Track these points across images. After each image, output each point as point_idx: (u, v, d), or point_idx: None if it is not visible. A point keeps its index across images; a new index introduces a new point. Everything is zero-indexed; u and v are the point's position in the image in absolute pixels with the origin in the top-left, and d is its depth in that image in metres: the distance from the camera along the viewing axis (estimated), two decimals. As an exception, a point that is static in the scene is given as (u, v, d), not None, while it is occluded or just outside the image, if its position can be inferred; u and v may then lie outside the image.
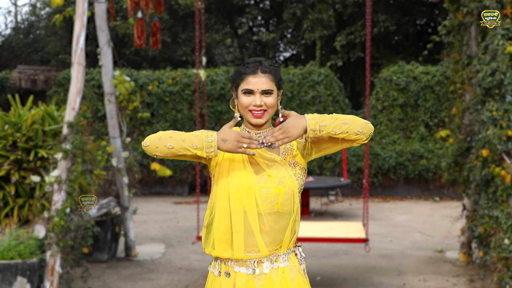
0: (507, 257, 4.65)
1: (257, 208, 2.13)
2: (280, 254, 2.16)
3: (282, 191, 2.13)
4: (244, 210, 2.13)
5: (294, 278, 2.16)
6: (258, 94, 2.17)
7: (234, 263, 2.17)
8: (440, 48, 14.34)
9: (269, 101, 2.17)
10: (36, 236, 5.01)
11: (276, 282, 2.13)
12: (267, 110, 2.18)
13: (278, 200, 2.13)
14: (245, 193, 2.13)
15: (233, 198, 2.14)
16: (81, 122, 5.25)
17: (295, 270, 2.17)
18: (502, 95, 5.01)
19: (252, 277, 2.15)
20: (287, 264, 2.16)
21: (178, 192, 13.11)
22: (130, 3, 6.26)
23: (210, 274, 2.27)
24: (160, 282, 5.74)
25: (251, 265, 2.15)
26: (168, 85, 12.93)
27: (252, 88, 2.17)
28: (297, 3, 15.96)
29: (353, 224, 6.47)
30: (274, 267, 2.15)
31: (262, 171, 2.17)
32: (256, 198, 2.13)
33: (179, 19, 16.57)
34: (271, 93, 2.18)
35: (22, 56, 17.20)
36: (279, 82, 2.22)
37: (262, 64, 2.19)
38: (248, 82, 2.18)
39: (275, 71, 2.20)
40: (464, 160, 5.99)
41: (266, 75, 2.18)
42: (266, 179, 2.15)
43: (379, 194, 12.56)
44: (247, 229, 2.14)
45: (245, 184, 2.14)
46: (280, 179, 2.14)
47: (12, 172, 5.78)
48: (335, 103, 12.98)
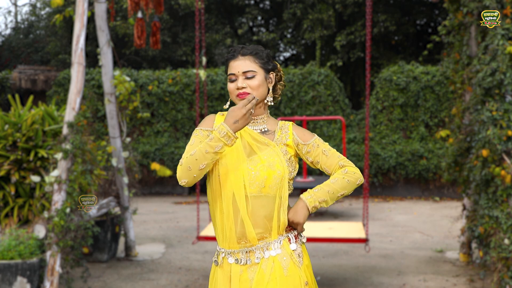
0: (507, 257, 4.65)
1: (244, 190, 2.13)
2: (270, 241, 2.16)
3: (271, 175, 2.14)
4: (233, 192, 2.14)
5: (286, 267, 2.14)
6: (240, 77, 2.19)
7: (228, 255, 2.18)
8: (440, 48, 14.35)
9: (252, 83, 2.18)
10: (36, 236, 5.01)
11: (266, 274, 2.12)
12: (252, 93, 2.18)
13: (266, 184, 2.13)
14: (234, 174, 2.14)
15: (223, 179, 2.15)
16: (81, 122, 5.25)
17: (288, 258, 2.15)
18: (502, 95, 5.01)
19: (246, 268, 2.15)
20: (279, 252, 2.15)
21: (178, 192, 13.12)
22: (130, 3, 6.27)
23: (212, 265, 2.28)
24: (160, 282, 5.74)
25: (243, 255, 2.15)
26: (168, 85, 12.93)
27: (233, 71, 2.19)
28: (297, 3, 15.96)
29: (353, 224, 6.46)
30: (266, 257, 2.14)
31: (254, 154, 2.17)
32: (244, 180, 2.13)
33: (179, 19, 16.57)
34: (253, 75, 2.18)
35: (22, 56, 17.20)
36: (265, 64, 2.21)
37: (243, 48, 2.21)
38: (230, 67, 2.21)
39: (256, 52, 2.20)
40: (464, 160, 5.99)
41: (247, 57, 2.19)
42: (256, 162, 2.15)
43: (379, 194, 12.56)
44: (236, 214, 2.14)
45: (234, 166, 2.14)
46: (270, 163, 2.15)
47: (12, 172, 5.79)
48: (335, 103, 12.98)
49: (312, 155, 2.25)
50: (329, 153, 2.25)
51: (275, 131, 2.26)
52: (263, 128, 2.26)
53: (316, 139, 2.27)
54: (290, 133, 2.26)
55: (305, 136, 2.27)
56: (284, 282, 2.12)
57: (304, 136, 2.27)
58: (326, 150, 2.26)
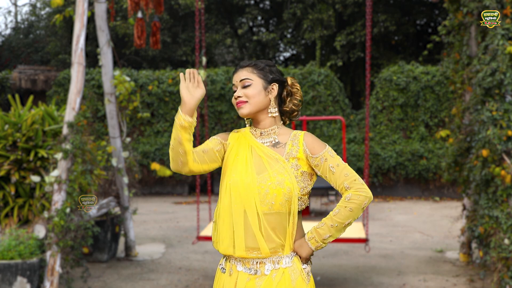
0: (507, 257, 4.65)
1: (256, 208, 2.13)
2: (282, 256, 2.16)
3: (280, 192, 2.12)
4: (244, 209, 2.14)
5: (295, 279, 2.15)
6: (239, 87, 2.24)
7: (237, 262, 2.18)
8: (440, 48, 14.35)
9: (248, 92, 2.22)
10: (36, 236, 5.01)
11: (275, 281, 2.13)
12: (248, 101, 2.22)
13: (276, 201, 2.13)
14: (245, 192, 2.14)
15: (234, 196, 2.15)
16: (81, 122, 5.25)
17: (297, 272, 2.16)
18: (502, 95, 5.01)
19: (254, 277, 2.15)
20: (289, 265, 2.16)
21: (178, 192, 13.11)
22: (130, 3, 6.27)
23: (217, 271, 2.28)
24: (160, 282, 5.73)
25: (253, 265, 2.15)
26: (168, 85, 12.93)
27: (234, 82, 2.27)
28: (297, 3, 15.96)
29: (353, 224, 6.45)
30: (276, 268, 2.15)
31: (264, 171, 2.16)
32: (255, 198, 2.13)
33: (179, 19, 16.57)
34: (249, 83, 2.22)
35: (22, 56, 17.21)
36: (263, 74, 2.24)
37: (246, 61, 2.29)
38: (232, 80, 2.29)
39: (255, 64, 2.26)
40: (464, 160, 5.98)
41: (245, 69, 2.25)
42: (266, 179, 2.14)
43: (379, 194, 12.56)
44: (248, 228, 2.14)
45: (245, 183, 2.14)
46: (280, 181, 2.13)
47: (12, 172, 5.79)
48: (335, 103, 12.98)
49: (320, 169, 2.19)
50: (336, 170, 2.17)
51: (286, 144, 2.23)
52: (273, 140, 2.24)
53: (325, 152, 2.19)
54: (300, 144, 2.21)
55: (314, 149, 2.19)
56: None
57: (313, 149, 2.19)
58: (334, 167, 2.17)
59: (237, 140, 2.27)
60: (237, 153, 2.21)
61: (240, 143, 2.25)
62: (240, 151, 2.21)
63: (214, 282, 2.28)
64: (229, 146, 2.26)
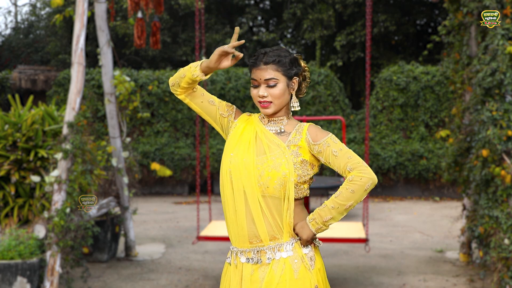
0: (507, 257, 4.65)
1: (254, 188, 2.14)
2: (282, 242, 2.16)
3: (275, 176, 2.13)
4: (244, 190, 2.15)
5: (297, 270, 2.14)
6: (262, 85, 2.20)
7: (240, 254, 2.19)
8: (440, 48, 14.35)
9: (274, 92, 2.20)
10: (36, 236, 5.01)
11: (277, 275, 2.12)
12: (273, 102, 2.21)
13: (270, 185, 2.13)
14: (245, 171, 2.16)
15: (234, 175, 2.17)
16: (81, 122, 5.25)
17: (299, 261, 2.15)
18: (502, 95, 5.01)
19: (257, 268, 2.15)
20: (290, 254, 2.15)
21: (178, 192, 13.11)
22: (130, 3, 6.27)
23: (225, 264, 2.30)
24: (160, 282, 5.74)
25: (254, 254, 2.16)
26: (168, 85, 12.93)
27: (256, 78, 2.22)
28: (297, 3, 15.96)
29: (353, 224, 6.46)
30: (277, 258, 2.14)
31: (263, 154, 2.18)
32: (254, 178, 2.14)
33: (179, 19, 16.57)
34: (275, 83, 2.19)
35: (22, 56, 17.20)
36: (288, 71, 2.21)
37: (266, 54, 2.21)
38: (253, 74, 2.23)
39: (279, 60, 2.19)
40: (464, 160, 5.98)
41: (269, 66, 2.19)
42: (263, 161, 2.16)
43: (379, 194, 12.56)
44: (248, 213, 2.15)
45: (245, 163, 2.16)
46: (276, 164, 2.14)
47: (12, 172, 5.79)
48: (335, 103, 12.98)
49: (324, 156, 2.18)
50: (339, 153, 2.16)
51: (290, 133, 2.24)
52: (279, 128, 2.26)
53: (328, 138, 2.18)
54: (303, 133, 2.21)
55: (317, 136, 2.20)
56: (294, 285, 2.12)
57: (316, 136, 2.20)
58: (337, 151, 2.16)
59: (245, 121, 2.29)
60: (242, 134, 2.23)
61: (247, 125, 2.27)
62: (245, 133, 2.23)
63: (221, 275, 2.29)
64: (235, 126, 2.27)
